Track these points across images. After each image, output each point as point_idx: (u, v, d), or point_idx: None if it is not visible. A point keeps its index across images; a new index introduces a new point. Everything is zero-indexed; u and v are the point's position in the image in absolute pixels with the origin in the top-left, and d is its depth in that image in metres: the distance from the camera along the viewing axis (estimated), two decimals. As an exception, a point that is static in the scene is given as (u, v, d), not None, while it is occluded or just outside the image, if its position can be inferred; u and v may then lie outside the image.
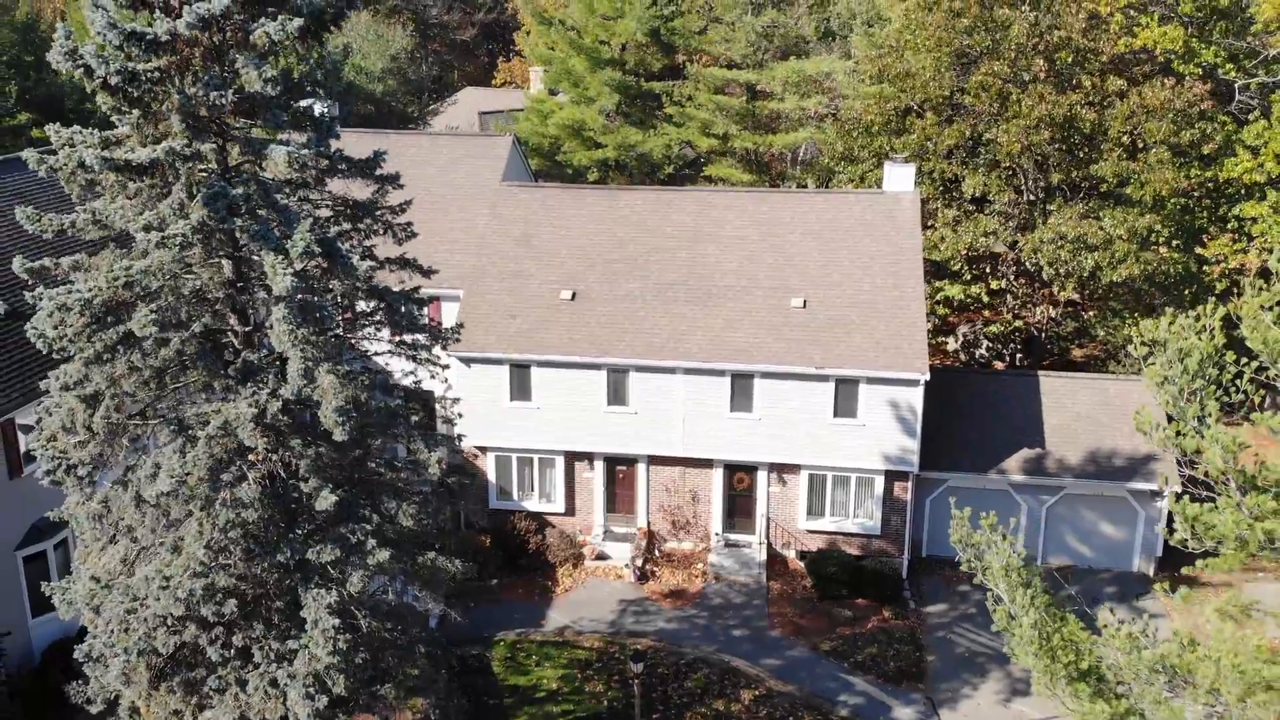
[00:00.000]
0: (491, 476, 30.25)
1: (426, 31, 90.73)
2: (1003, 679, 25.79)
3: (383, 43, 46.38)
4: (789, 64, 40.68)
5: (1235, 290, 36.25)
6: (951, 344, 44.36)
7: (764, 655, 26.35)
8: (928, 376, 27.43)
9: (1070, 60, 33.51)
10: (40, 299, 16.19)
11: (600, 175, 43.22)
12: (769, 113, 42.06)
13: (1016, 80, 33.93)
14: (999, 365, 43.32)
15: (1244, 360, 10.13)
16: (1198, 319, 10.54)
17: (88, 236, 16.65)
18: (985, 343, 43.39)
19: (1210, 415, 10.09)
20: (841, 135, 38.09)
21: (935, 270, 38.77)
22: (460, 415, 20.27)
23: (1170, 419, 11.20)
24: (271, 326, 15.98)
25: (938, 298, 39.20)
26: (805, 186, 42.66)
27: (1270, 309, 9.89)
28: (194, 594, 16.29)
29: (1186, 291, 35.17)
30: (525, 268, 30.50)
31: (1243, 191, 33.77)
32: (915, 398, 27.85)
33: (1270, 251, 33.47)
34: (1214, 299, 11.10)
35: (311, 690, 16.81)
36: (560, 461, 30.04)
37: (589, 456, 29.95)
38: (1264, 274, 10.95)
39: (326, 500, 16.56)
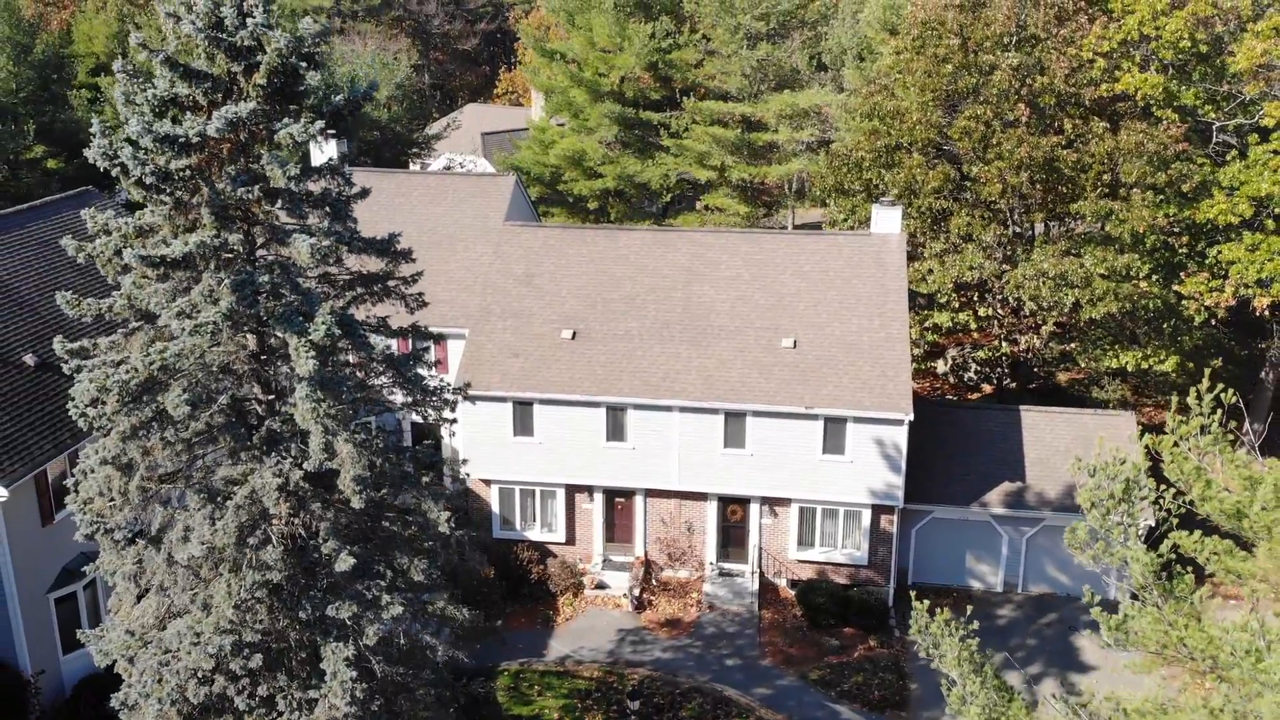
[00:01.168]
0: (495, 507, 31.59)
1: (429, 41, 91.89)
2: (982, 707, 27.10)
3: (388, 71, 47.61)
4: (782, 96, 41.86)
5: (1213, 321, 37.50)
6: (941, 366, 45.68)
7: (755, 684, 27.70)
8: (911, 417, 28.71)
9: (1053, 103, 34.70)
10: (79, 372, 17.59)
11: (600, 204, 44.47)
12: (763, 144, 43.24)
13: (1000, 119, 35.11)
14: (987, 388, 44.67)
15: (1163, 486, 11.43)
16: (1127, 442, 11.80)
17: (123, 319, 17.93)
18: (974, 366, 44.73)
19: (1132, 536, 11.40)
20: (833, 169, 39.29)
21: (925, 298, 40.01)
22: (468, 475, 21.51)
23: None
24: (295, 404, 17.28)
25: (927, 324, 40.45)
26: (799, 217, 43.87)
27: (1190, 439, 11.21)
28: (223, 649, 17.65)
29: (1166, 325, 36.38)
30: (527, 307, 31.77)
31: (1219, 232, 34.96)
32: (900, 436, 29.15)
33: (1247, 287, 34.84)
34: (1142, 430, 12.33)
35: (331, 737, 18.15)
36: (561, 493, 31.37)
37: (589, 489, 31.29)
38: (1183, 409, 12.18)
39: (345, 563, 17.86)
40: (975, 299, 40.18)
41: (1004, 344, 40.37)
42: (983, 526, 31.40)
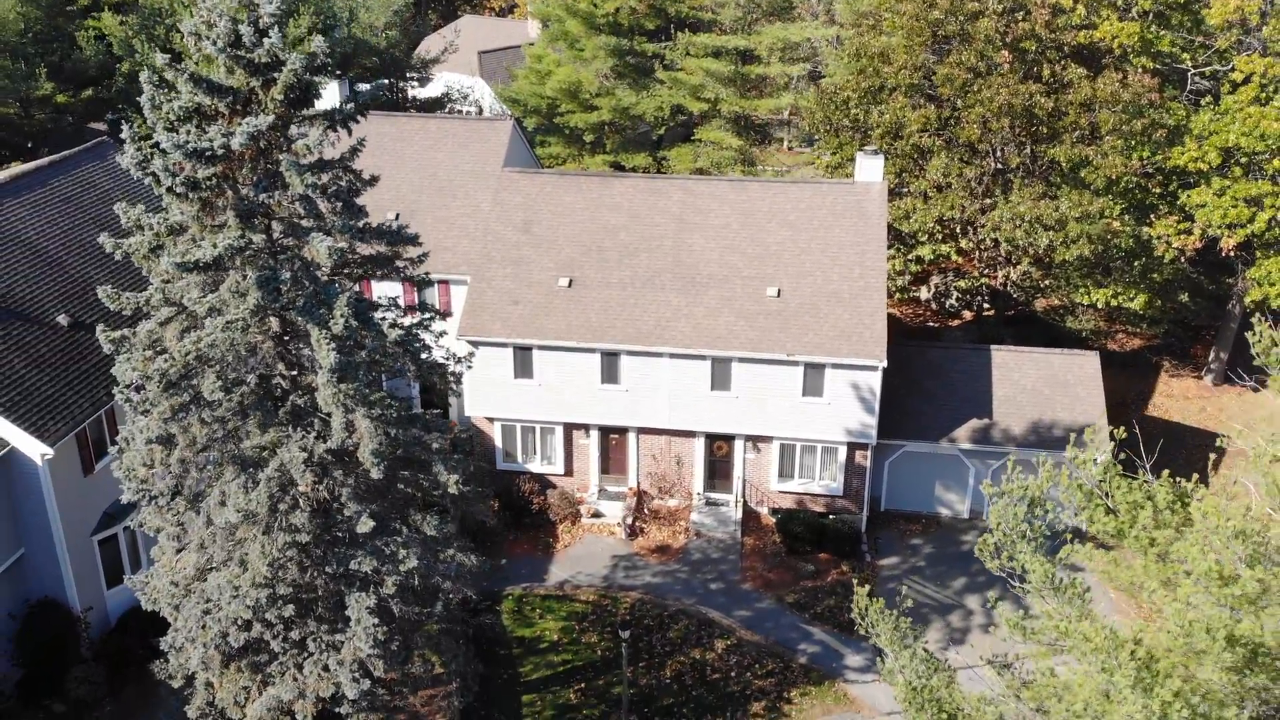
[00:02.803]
0: (498, 442, 33.81)
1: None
2: (943, 628, 29.85)
3: (385, -4, 48.16)
4: (775, 29, 42.67)
5: (1181, 258, 39.18)
6: (924, 293, 47.49)
7: (736, 607, 30.35)
8: (885, 364, 30.70)
9: (1034, 49, 35.71)
10: (119, 352, 19.57)
11: (596, 136, 45.58)
12: (756, 76, 44.18)
13: (984, 60, 36.12)
14: (968, 314, 46.58)
15: (1059, 507, 13.46)
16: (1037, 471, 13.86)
17: (158, 312, 19.75)
18: (955, 294, 46.54)
19: (1032, 547, 13.49)
20: (822, 105, 40.41)
21: (910, 234, 41.52)
22: (473, 419, 23.31)
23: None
24: (317, 389, 19.24)
25: (910, 256, 42.09)
26: (791, 146, 45.03)
27: (1094, 462, 13.20)
28: (259, 601, 20.00)
29: (1136, 264, 38.07)
30: (526, 255, 33.44)
31: (1189, 176, 36.38)
32: (874, 381, 31.20)
33: (1214, 228, 36.44)
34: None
35: (357, 675, 20.68)
36: (559, 430, 33.58)
37: (585, 426, 33.47)
38: (1080, 444, 14.18)
39: (366, 525, 20.06)
40: (958, 232, 41.78)
41: (983, 273, 42.13)
42: (951, 460, 33.68)
